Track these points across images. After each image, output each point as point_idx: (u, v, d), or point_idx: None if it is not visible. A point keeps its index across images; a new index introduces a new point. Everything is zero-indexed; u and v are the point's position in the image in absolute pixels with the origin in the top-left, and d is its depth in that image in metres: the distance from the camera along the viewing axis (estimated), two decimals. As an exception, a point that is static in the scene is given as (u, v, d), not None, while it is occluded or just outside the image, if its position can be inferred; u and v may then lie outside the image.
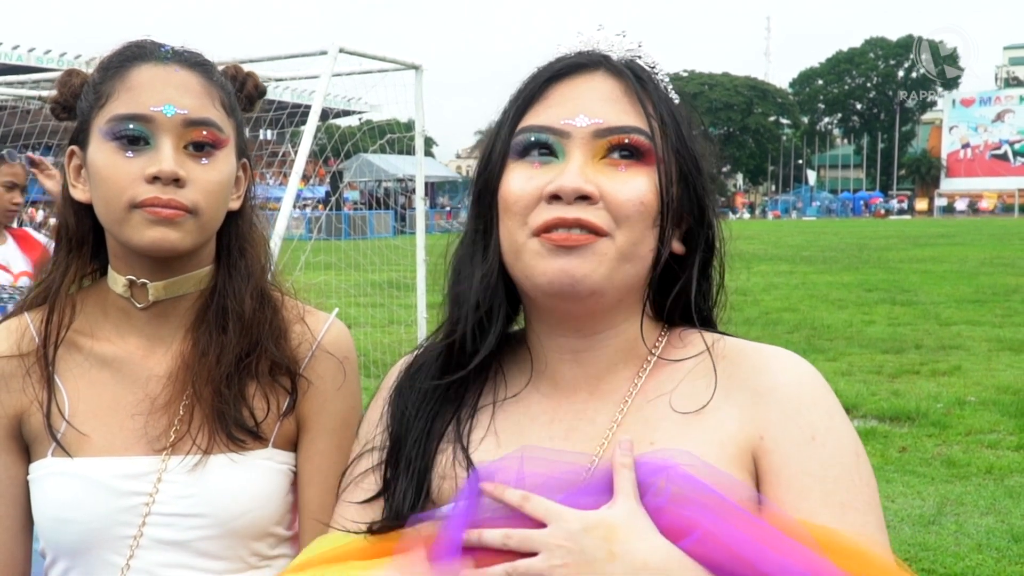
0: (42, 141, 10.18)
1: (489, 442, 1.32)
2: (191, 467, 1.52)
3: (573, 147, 1.25)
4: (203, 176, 1.51)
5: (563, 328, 1.32)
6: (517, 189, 1.26)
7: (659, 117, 1.28)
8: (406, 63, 7.87)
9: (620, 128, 1.25)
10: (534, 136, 1.27)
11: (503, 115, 1.34)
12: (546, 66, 1.32)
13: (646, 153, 1.25)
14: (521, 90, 1.33)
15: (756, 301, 16.28)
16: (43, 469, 1.55)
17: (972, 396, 9.13)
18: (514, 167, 1.28)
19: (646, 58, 1.34)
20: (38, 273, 1.66)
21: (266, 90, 1.74)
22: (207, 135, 1.52)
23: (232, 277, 1.62)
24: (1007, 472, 6.80)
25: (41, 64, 41.64)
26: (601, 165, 1.24)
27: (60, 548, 1.54)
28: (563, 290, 1.23)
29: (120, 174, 1.48)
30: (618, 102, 1.27)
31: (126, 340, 1.60)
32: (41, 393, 1.56)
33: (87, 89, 1.57)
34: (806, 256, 28.66)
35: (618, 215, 1.23)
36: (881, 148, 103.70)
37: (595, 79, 1.29)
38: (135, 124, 1.49)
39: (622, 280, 1.25)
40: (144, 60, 1.54)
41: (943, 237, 39.21)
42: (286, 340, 1.62)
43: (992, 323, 13.93)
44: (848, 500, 1.18)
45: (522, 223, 1.25)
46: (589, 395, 1.32)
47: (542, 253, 1.23)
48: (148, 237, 1.48)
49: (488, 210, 1.32)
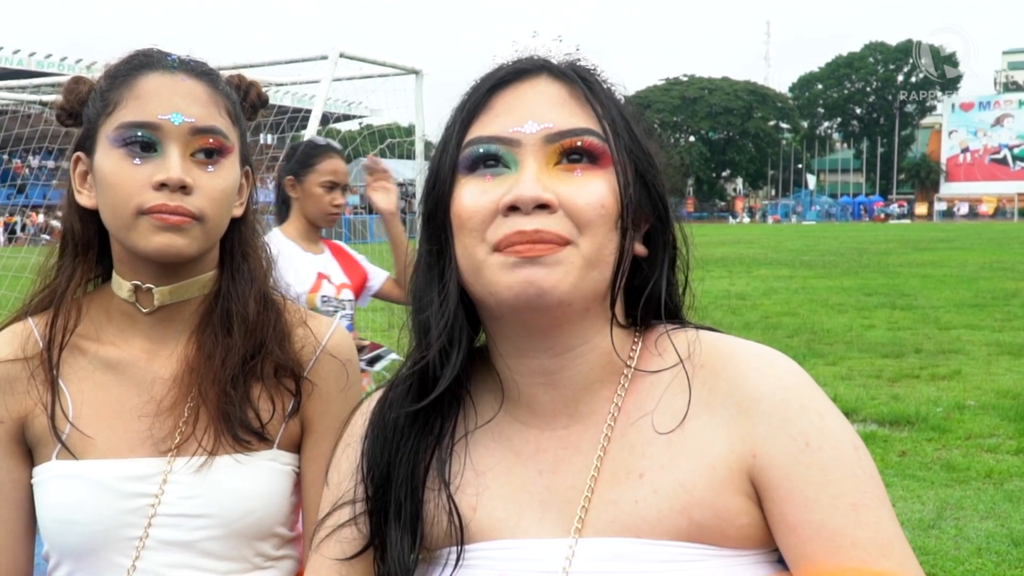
0: (42, 146, 10.19)
1: (468, 476, 1.27)
2: (196, 468, 1.53)
3: (525, 155, 1.19)
4: (209, 183, 1.53)
5: (532, 349, 1.25)
6: (471, 204, 1.20)
7: (609, 118, 1.23)
8: (406, 68, 7.88)
9: (571, 131, 1.20)
10: (483, 148, 1.21)
11: (447, 129, 1.28)
12: (487, 75, 1.26)
13: (601, 155, 1.21)
14: (464, 101, 1.27)
15: (756, 305, 16.30)
16: (48, 472, 1.55)
17: (972, 400, 9.12)
18: (465, 182, 1.22)
19: (585, 61, 1.29)
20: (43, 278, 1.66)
21: (268, 99, 1.76)
22: (214, 143, 1.54)
23: (235, 281, 1.63)
24: (1007, 476, 6.80)
25: (42, 69, 41.74)
26: (556, 171, 1.19)
27: (66, 550, 1.55)
28: (530, 302, 1.17)
29: (128, 181, 1.50)
30: (566, 105, 1.22)
31: (130, 343, 1.61)
32: (45, 396, 1.57)
33: (94, 96, 1.59)
34: (806, 260, 28.67)
35: (579, 221, 1.17)
36: (881, 152, 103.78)
37: (539, 84, 1.24)
38: (143, 131, 1.51)
39: (589, 287, 1.19)
40: (151, 68, 1.55)
41: (943, 241, 39.22)
42: (290, 343, 1.63)
43: (992, 327, 13.93)
44: (858, 499, 1.14)
45: (480, 239, 1.19)
46: (569, 419, 1.26)
47: (505, 266, 1.16)
48: (155, 243, 1.50)
49: (441, 230, 1.26)
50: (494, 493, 1.25)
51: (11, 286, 9.65)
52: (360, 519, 1.30)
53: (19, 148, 10.76)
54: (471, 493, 1.25)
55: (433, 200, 1.27)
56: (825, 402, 1.21)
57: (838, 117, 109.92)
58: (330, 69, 6.52)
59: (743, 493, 1.17)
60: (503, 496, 1.24)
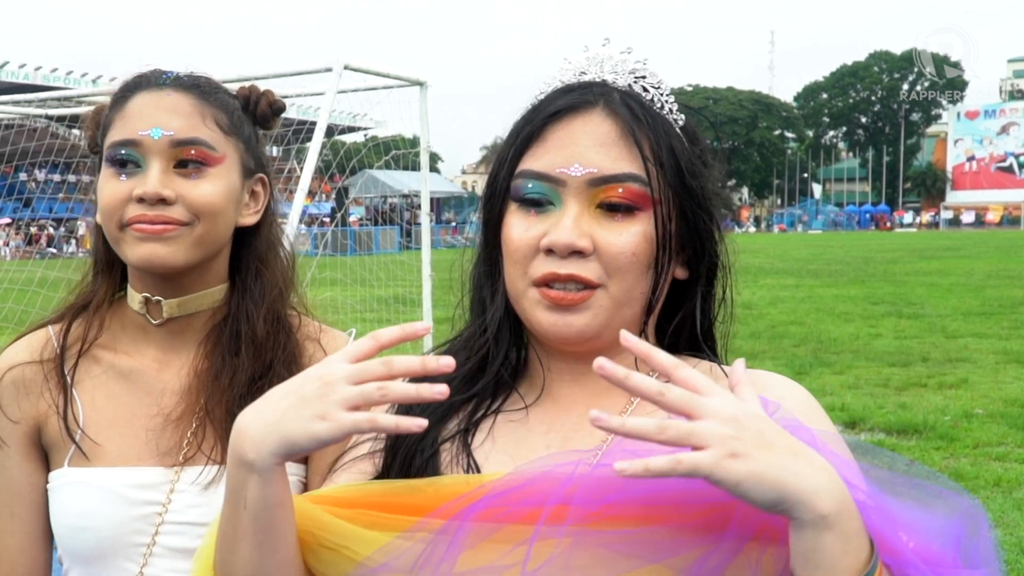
0: (48, 160, 10.22)
1: (487, 446, 1.33)
2: (206, 480, 1.58)
3: (568, 196, 1.27)
4: (192, 191, 1.58)
5: (565, 356, 1.35)
6: (516, 238, 1.29)
7: (656, 158, 1.28)
8: (411, 79, 7.88)
9: (614, 177, 1.26)
10: (531, 183, 1.29)
11: (504, 148, 1.35)
12: (544, 101, 1.33)
13: (642, 202, 1.27)
14: (521, 126, 1.34)
15: (762, 315, 16.27)
16: (61, 479, 1.61)
17: (979, 409, 9.10)
18: (514, 211, 1.31)
19: (651, 77, 1.34)
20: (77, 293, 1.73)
21: (283, 107, 1.79)
22: (195, 154, 1.59)
23: (245, 299, 1.67)
24: (1015, 485, 6.78)
25: (48, 83, 41.82)
26: (597, 214, 1.27)
27: (76, 555, 1.60)
28: (562, 339, 1.29)
29: (112, 196, 1.58)
30: (614, 146, 1.28)
31: (143, 353, 1.67)
32: (58, 399, 1.62)
33: (101, 122, 1.67)
34: (812, 269, 28.63)
35: (610, 267, 1.26)
36: (886, 161, 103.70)
37: (592, 121, 1.29)
38: (126, 149, 1.58)
39: (620, 323, 1.27)
40: (142, 89, 1.62)
41: (949, 250, 39.16)
42: (298, 365, 1.65)
43: (999, 335, 13.90)
44: None
45: (522, 272, 1.29)
46: (587, 409, 1.30)
47: (541, 304, 1.27)
48: (138, 253, 1.56)
49: (495, 240, 1.36)
50: (500, 458, 1.30)
51: (18, 299, 9.67)
52: (377, 455, 1.36)
53: (25, 162, 10.79)
54: (482, 454, 1.32)
55: (487, 211, 1.37)
56: (833, 428, 1.28)
57: (843, 126, 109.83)
58: (335, 81, 6.52)
59: None
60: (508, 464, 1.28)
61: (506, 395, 1.38)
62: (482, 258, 1.41)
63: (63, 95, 11.74)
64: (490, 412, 1.37)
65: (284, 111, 1.80)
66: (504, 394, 1.38)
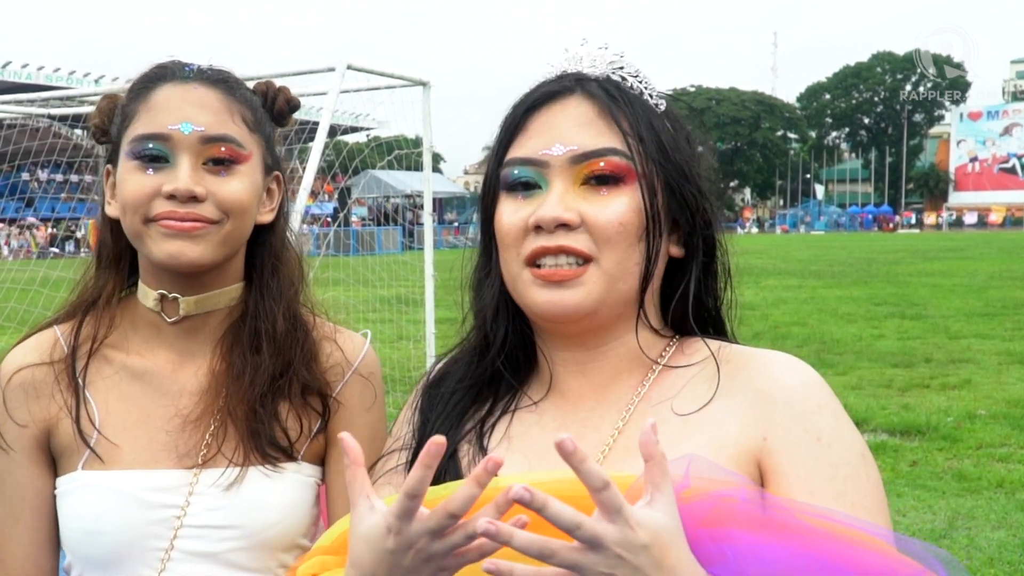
0: (51, 159, 10.22)
1: (503, 446, 1.36)
2: (227, 481, 1.54)
3: (553, 176, 1.31)
4: (222, 189, 1.54)
5: (567, 343, 1.37)
6: (507, 222, 1.34)
7: (636, 133, 1.31)
8: (414, 79, 7.87)
9: (595, 152, 1.30)
10: (517, 170, 1.34)
11: (493, 146, 1.40)
12: (525, 96, 1.38)
13: (625, 173, 1.30)
14: (506, 121, 1.39)
15: (765, 315, 16.25)
16: (73, 482, 1.56)
17: (982, 410, 9.09)
18: (504, 199, 1.36)
19: (628, 68, 1.38)
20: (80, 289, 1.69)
21: (299, 104, 1.76)
22: (225, 151, 1.55)
23: (264, 297, 1.64)
24: (1018, 486, 6.77)
25: (50, 82, 41.80)
26: (583, 190, 1.30)
27: (90, 561, 1.55)
28: (557, 317, 1.31)
29: (139, 190, 1.52)
30: (592, 125, 1.32)
31: (155, 353, 1.63)
32: (70, 401, 1.58)
33: (117, 112, 1.62)
34: (815, 270, 28.60)
35: (599, 238, 1.28)
36: (889, 162, 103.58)
37: (570, 105, 1.34)
38: (154, 143, 1.53)
39: (616, 298, 1.31)
40: (166, 80, 1.57)
41: (952, 251, 39.11)
42: (317, 363, 1.64)
43: (1002, 336, 13.88)
44: (858, 500, 1.20)
45: (516, 254, 1.32)
46: (595, 403, 1.36)
47: (535, 284, 1.30)
48: (165, 250, 1.51)
49: (490, 237, 1.40)
50: (516, 458, 1.33)
51: (20, 299, 9.66)
52: (402, 468, 1.41)
53: (27, 162, 10.80)
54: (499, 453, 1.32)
55: (483, 208, 1.42)
56: (840, 408, 1.29)
57: (846, 127, 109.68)
58: (337, 81, 6.51)
59: (746, 473, 1.23)
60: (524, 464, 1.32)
61: (516, 393, 1.41)
62: (481, 258, 1.45)
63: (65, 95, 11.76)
64: (506, 412, 1.40)
65: (299, 108, 1.77)
66: (522, 392, 1.41)
